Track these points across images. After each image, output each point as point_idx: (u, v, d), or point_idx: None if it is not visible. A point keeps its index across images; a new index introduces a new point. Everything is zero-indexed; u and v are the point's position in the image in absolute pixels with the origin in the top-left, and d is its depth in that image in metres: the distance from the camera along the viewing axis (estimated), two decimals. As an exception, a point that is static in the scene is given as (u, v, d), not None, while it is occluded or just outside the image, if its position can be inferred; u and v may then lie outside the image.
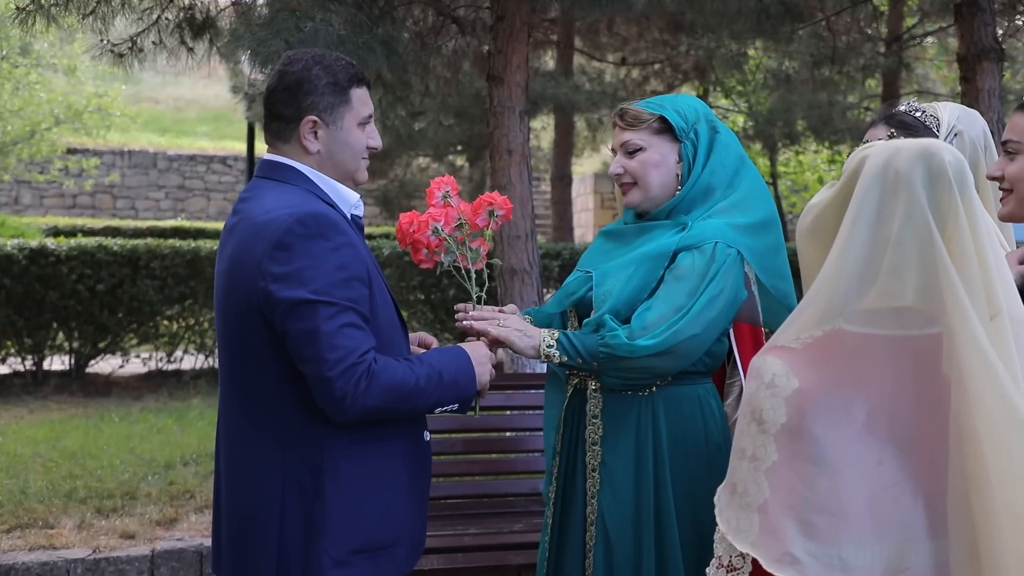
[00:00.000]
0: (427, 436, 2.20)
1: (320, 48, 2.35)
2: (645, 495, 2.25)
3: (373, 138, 2.15)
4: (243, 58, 4.73)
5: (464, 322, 2.30)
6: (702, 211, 2.31)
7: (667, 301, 2.19)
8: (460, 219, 2.26)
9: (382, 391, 1.94)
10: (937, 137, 2.36)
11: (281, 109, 2.08)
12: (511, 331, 2.24)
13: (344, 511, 1.99)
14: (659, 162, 2.33)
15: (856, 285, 1.39)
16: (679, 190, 2.35)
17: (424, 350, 2.34)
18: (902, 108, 2.47)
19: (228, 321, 2.04)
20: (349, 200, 2.12)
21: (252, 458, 2.02)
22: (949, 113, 2.41)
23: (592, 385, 2.32)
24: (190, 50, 5.66)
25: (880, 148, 1.45)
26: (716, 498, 1.48)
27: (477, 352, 2.14)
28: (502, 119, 5.11)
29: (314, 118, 2.07)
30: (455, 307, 2.37)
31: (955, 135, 2.37)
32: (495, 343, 2.26)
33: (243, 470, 2.04)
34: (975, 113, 2.47)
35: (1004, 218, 2.01)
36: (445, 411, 2.10)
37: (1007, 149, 1.96)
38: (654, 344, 2.14)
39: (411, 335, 2.37)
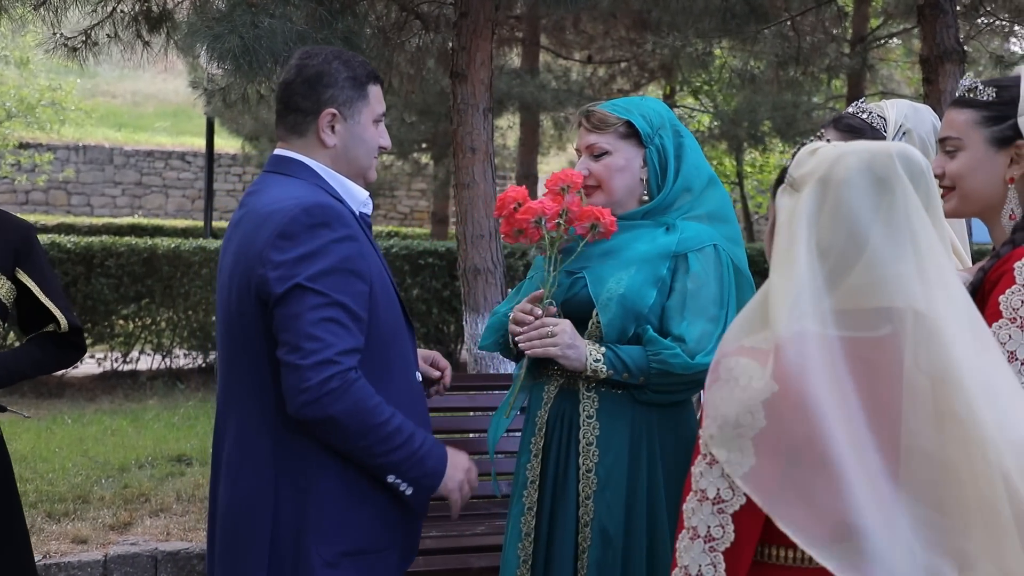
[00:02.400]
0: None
1: (279, 44, 2.35)
2: (640, 494, 2.25)
3: (384, 137, 2.17)
4: (201, 53, 4.68)
5: (517, 339, 2.27)
6: (679, 213, 2.34)
7: (700, 313, 2.22)
8: (562, 215, 2.24)
9: (349, 405, 1.89)
10: (884, 137, 2.40)
11: (299, 101, 2.08)
12: (551, 346, 2.22)
13: (336, 512, 1.97)
14: (624, 167, 2.34)
15: (826, 286, 1.40)
16: (644, 194, 2.37)
17: (435, 370, 2.33)
18: (849, 110, 2.49)
19: (230, 312, 2.03)
20: (358, 197, 2.12)
21: (247, 451, 2.00)
22: (897, 112, 2.44)
23: (583, 386, 2.29)
24: (146, 44, 5.59)
25: (850, 151, 1.45)
26: (687, 507, 1.46)
27: (458, 459, 2.08)
28: (466, 117, 5.10)
29: (334, 111, 2.08)
30: (517, 308, 2.31)
31: (903, 133, 2.40)
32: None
33: (238, 464, 2.02)
34: (924, 109, 2.50)
35: (948, 215, 2.03)
36: (395, 484, 1.99)
37: (945, 148, 1.98)
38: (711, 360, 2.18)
39: (422, 351, 2.35)
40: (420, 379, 2.19)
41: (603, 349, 2.24)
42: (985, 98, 1.92)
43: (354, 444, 1.94)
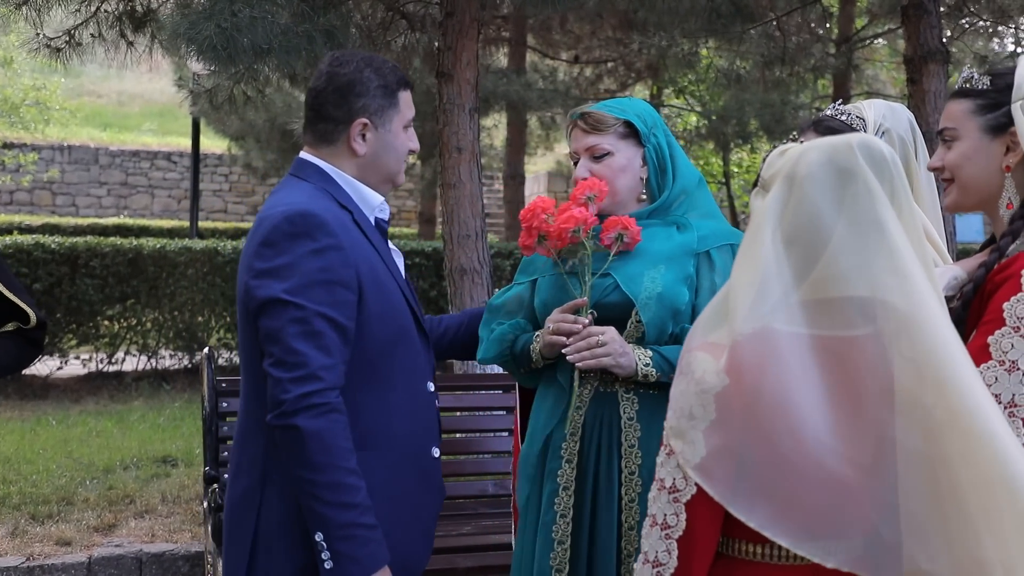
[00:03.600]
0: (436, 452, 2.14)
1: (259, 35, 2.34)
2: None
3: (413, 141, 2.18)
4: (183, 49, 4.67)
5: (564, 351, 2.21)
6: (679, 212, 2.36)
7: None
8: (593, 230, 2.22)
9: (319, 427, 1.87)
10: None
11: (330, 111, 2.09)
12: (604, 356, 2.19)
13: None
14: (626, 166, 2.34)
15: (793, 280, 1.42)
16: (643, 194, 2.38)
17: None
18: (828, 112, 2.52)
19: (238, 317, 2.08)
20: (372, 202, 2.12)
21: (243, 453, 2.04)
22: (875, 112, 2.45)
23: (622, 388, 2.26)
24: (130, 44, 5.56)
25: (812, 146, 1.47)
26: (650, 495, 1.49)
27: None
28: (452, 116, 5.09)
29: (365, 120, 2.08)
30: (557, 320, 2.24)
31: (882, 133, 2.42)
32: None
33: (237, 463, 2.06)
34: (900, 107, 2.52)
35: (950, 209, 1.98)
36: (319, 546, 1.87)
37: (943, 138, 1.94)
38: None
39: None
40: (432, 388, 2.18)
41: (649, 352, 2.22)
42: (980, 87, 1.89)
43: (304, 473, 1.88)
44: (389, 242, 2.21)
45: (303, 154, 2.14)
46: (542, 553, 2.29)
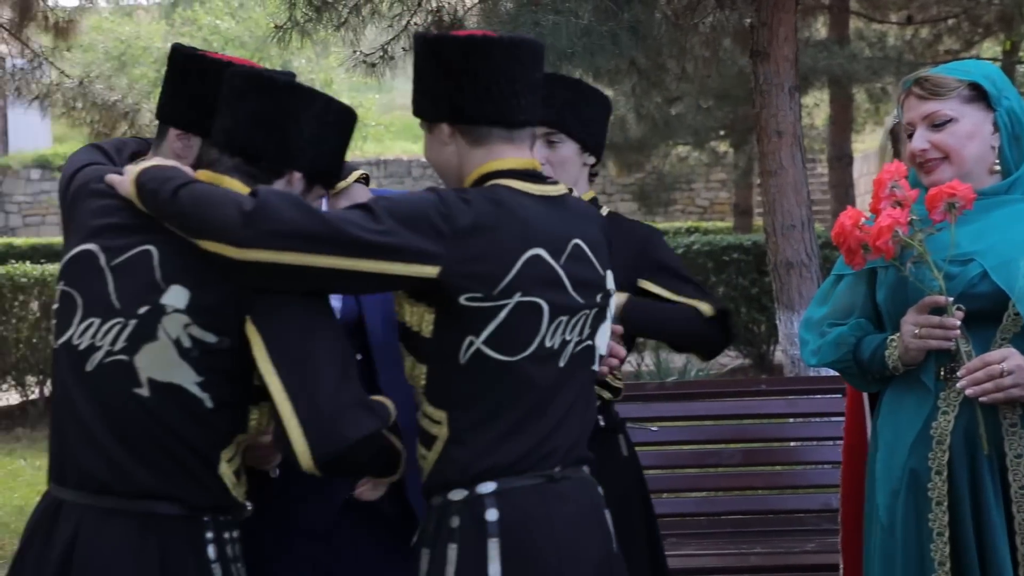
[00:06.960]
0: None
1: (563, 41, 2.46)
2: None
3: None
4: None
5: (959, 385, 2.10)
6: None
7: None
8: (913, 216, 2.10)
9: None
10: None
11: None
12: (1014, 389, 2.07)
13: None
14: (973, 133, 2.20)
15: None
16: (996, 163, 2.23)
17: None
18: None
19: None
20: None
21: None
22: None
23: None
24: (438, 54, 5.94)
25: None
26: None
27: None
28: (769, 98, 5.03)
29: None
30: (921, 323, 2.12)
31: None
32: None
33: None
34: None
35: None
36: None
37: None
38: None
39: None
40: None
41: None
42: None
43: None
44: None
45: None
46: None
